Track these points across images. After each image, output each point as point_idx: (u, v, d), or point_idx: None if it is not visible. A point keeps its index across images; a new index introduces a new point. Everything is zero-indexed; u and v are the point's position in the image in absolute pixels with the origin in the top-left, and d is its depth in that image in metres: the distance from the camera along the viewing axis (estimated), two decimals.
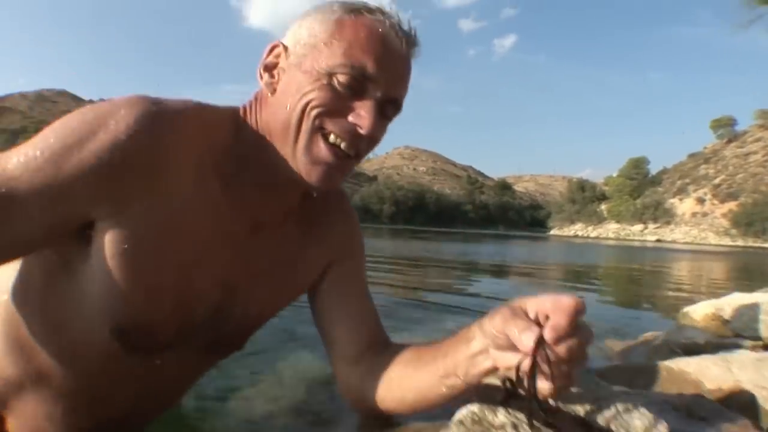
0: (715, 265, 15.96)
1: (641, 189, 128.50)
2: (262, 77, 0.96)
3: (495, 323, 0.81)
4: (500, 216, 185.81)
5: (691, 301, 5.93)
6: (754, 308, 2.96)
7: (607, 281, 9.41)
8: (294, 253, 1.10)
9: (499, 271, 9.53)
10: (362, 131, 0.89)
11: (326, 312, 1.16)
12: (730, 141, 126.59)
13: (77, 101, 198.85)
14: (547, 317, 0.75)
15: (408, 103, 0.99)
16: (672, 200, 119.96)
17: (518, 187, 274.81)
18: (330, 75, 0.88)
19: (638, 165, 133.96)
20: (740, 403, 1.56)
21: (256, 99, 0.99)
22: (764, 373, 2.00)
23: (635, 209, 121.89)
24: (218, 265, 0.97)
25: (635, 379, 2.17)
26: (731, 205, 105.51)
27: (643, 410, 0.86)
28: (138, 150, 0.80)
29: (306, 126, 0.89)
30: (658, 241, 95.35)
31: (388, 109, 0.94)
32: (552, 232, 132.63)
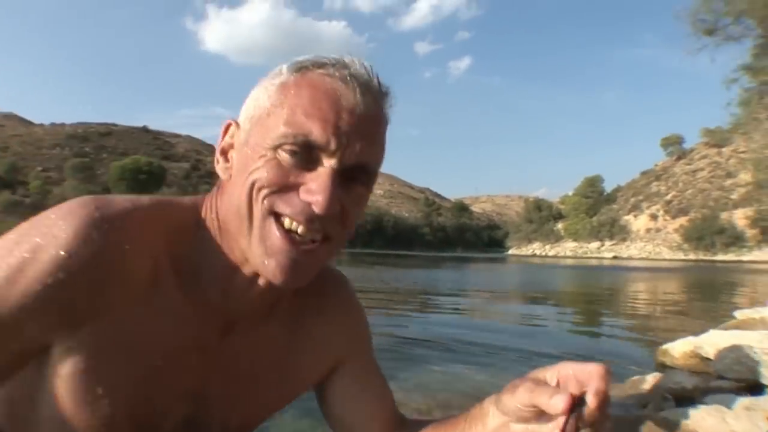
0: (673, 285, 16.40)
1: (597, 207, 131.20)
2: (218, 162, 0.86)
3: (519, 397, 0.77)
4: (458, 237, 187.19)
5: (660, 330, 6.10)
6: (734, 350, 3.08)
7: (575, 308, 9.59)
8: (281, 354, 0.98)
9: (469, 298, 9.62)
10: (316, 210, 0.75)
11: (339, 408, 1.07)
12: (679, 158, 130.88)
13: (26, 125, 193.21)
14: (581, 388, 0.74)
15: None
16: (627, 217, 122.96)
17: (475, 208, 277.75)
18: (275, 148, 0.76)
19: (593, 183, 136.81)
20: None
21: (218, 188, 0.88)
22: (757, 423, 2.10)
23: (591, 227, 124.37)
24: (184, 375, 0.86)
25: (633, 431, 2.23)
26: (682, 220, 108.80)
27: None
28: (82, 265, 0.72)
29: (257, 211, 0.78)
30: (615, 257, 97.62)
31: (357, 176, 0.81)
32: (510, 251, 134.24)
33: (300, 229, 0.77)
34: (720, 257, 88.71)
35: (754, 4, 13.09)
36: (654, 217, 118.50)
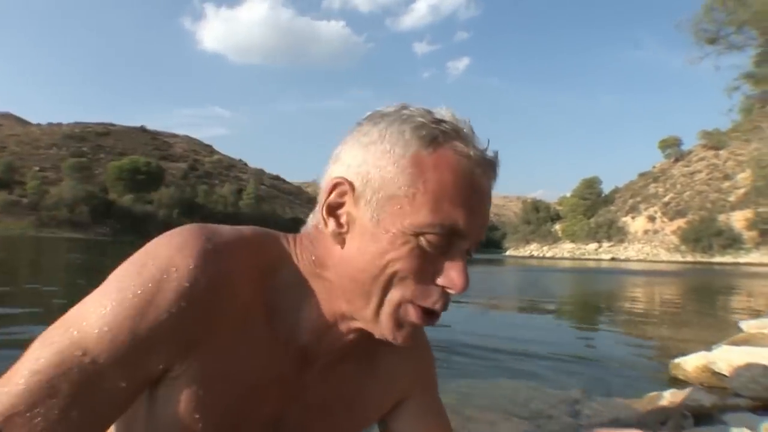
0: (673, 290, 16.56)
1: (594, 208, 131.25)
2: (327, 223, 0.84)
3: None
4: None
5: (667, 339, 6.24)
6: (750, 368, 3.22)
7: (580, 316, 9.72)
8: (353, 390, 1.02)
9: (472, 304, 9.74)
10: (455, 292, 0.81)
11: None
12: (677, 160, 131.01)
13: (23, 124, 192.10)
14: None
15: None
16: (624, 219, 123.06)
17: None
18: (417, 236, 0.78)
19: (591, 185, 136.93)
20: None
21: (312, 234, 0.90)
22: None
23: (589, 228, 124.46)
24: (265, 406, 0.91)
25: None
26: (680, 222, 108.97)
27: None
28: (200, 294, 0.77)
29: (393, 295, 0.81)
30: (613, 259, 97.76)
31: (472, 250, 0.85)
32: (508, 252, 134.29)
33: (431, 307, 0.82)
34: (717, 259, 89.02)
35: (756, 14, 13.24)
36: (652, 218, 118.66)
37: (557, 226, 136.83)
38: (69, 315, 0.78)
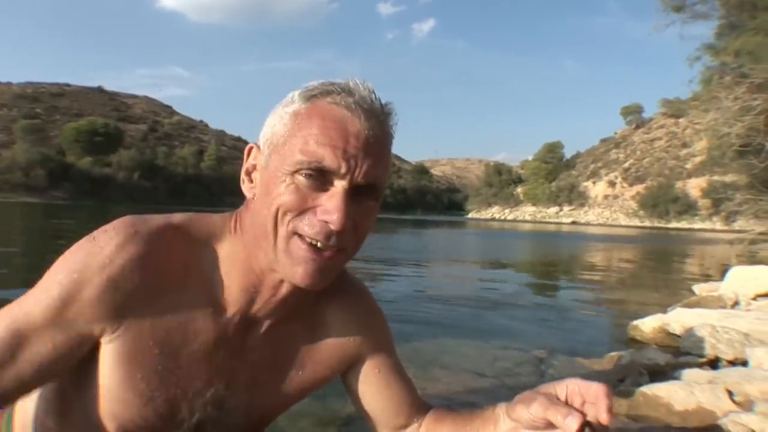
0: (632, 255, 17.10)
1: (556, 172, 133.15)
2: (244, 182, 0.97)
3: (533, 410, 0.88)
4: (418, 200, 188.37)
5: (626, 302, 6.55)
6: (699, 329, 3.50)
7: (541, 279, 10.04)
8: (300, 351, 1.12)
9: (438, 266, 9.97)
10: (333, 227, 0.86)
11: (363, 398, 1.19)
12: (638, 127, 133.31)
13: None
14: (584, 403, 0.86)
15: None
16: (585, 183, 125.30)
17: (436, 171, 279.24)
18: (292, 174, 0.86)
19: (553, 149, 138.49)
20: None
21: (245, 204, 1.00)
22: (718, 395, 2.49)
23: (550, 192, 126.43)
24: (211, 365, 1.00)
25: (617, 403, 2.59)
26: (639, 187, 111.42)
27: None
28: (120, 269, 0.88)
29: (281, 231, 0.89)
30: (573, 223, 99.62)
31: (366, 192, 0.91)
32: (470, 215, 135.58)
33: (320, 244, 0.88)
34: (673, 224, 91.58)
35: None
36: (612, 183, 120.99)
37: (519, 190, 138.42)
38: (18, 299, 0.91)
